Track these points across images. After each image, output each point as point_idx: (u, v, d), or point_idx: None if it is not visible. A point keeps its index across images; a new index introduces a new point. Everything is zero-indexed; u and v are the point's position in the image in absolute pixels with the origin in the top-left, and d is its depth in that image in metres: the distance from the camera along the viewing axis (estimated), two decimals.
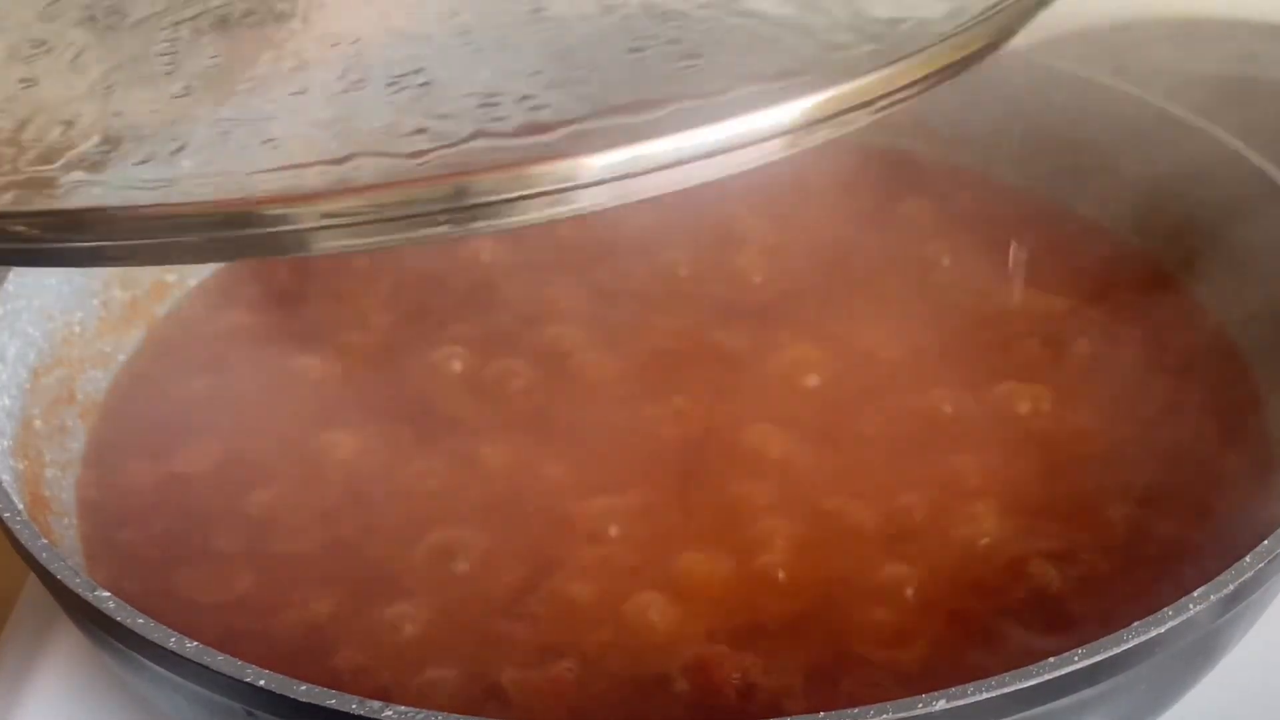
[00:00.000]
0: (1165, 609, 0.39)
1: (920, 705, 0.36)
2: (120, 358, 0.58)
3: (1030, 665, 0.37)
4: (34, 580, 0.53)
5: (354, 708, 0.36)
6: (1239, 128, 0.62)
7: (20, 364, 0.52)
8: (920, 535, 0.49)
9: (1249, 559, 0.40)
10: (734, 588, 0.47)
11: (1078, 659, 0.37)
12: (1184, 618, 0.39)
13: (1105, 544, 0.48)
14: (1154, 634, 0.38)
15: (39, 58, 0.42)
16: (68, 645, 0.52)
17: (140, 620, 0.39)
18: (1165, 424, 0.53)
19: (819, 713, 0.36)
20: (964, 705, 0.36)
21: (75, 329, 0.56)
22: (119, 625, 0.39)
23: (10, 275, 0.53)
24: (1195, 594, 0.39)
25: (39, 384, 0.53)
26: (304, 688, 0.37)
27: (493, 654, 0.45)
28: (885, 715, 0.36)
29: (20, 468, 0.49)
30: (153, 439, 0.54)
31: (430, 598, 0.47)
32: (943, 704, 0.36)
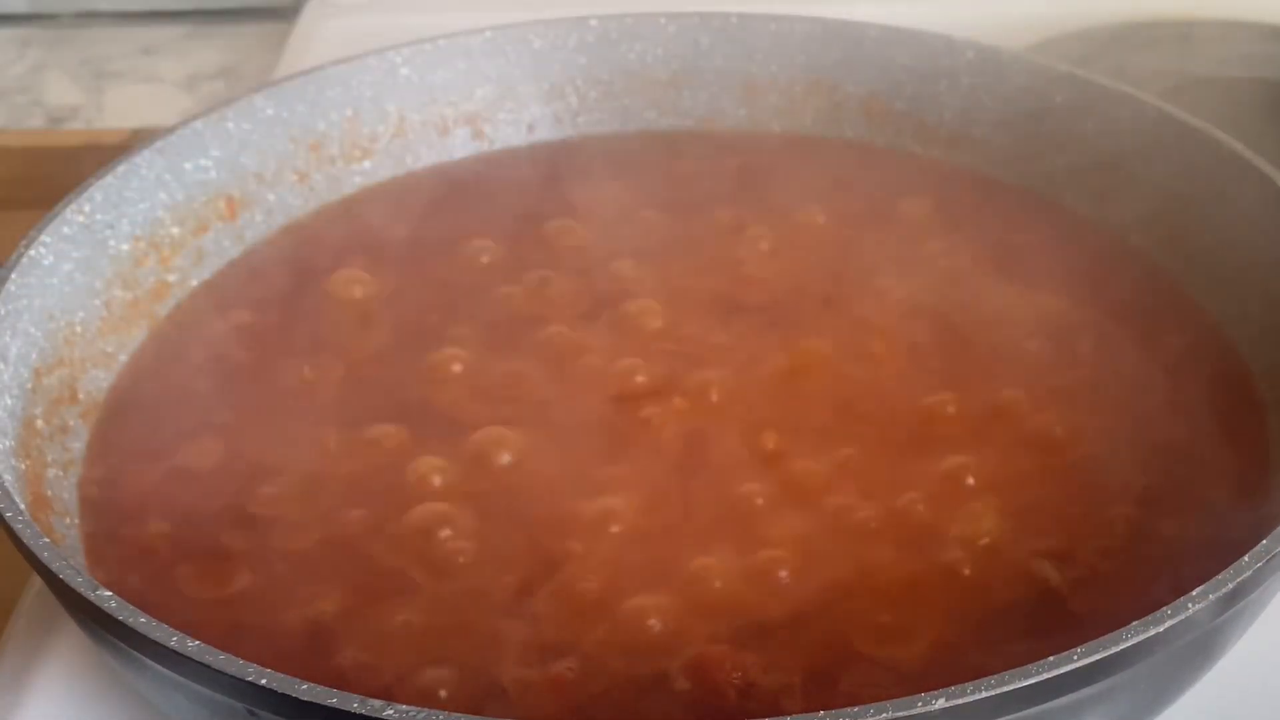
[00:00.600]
0: (1164, 608, 0.39)
1: (920, 704, 0.36)
2: (122, 357, 0.58)
3: (1029, 664, 0.37)
4: (36, 580, 0.54)
5: (355, 707, 0.36)
6: (1238, 128, 0.62)
7: (22, 364, 0.52)
8: (920, 535, 0.49)
9: (1247, 559, 0.40)
10: (734, 587, 0.47)
11: (1076, 658, 0.37)
12: (1182, 617, 0.39)
13: (1104, 543, 0.49)
14: (1152, 633, 0.38)
15: None
16: (69, 644, 0.52)
17: (142, 619, 0.39)
18: (1163, 423, 0.53)
19: (819, 711, 0.36)
20: (963, 704, 0.36)
21: (77, 329, 0.56)
22: (121, 624, 0.39)
23: (12, 275, 0.53)
24: (1194, 593, 0.39)
25: (41, 384, 0.53)
26: (305, 687, 0.37)
27: (494, 653, 0.45)
28: (885, 714, 0.36)
29: (22, 467, 0.49)
30: (154, 438, 0.54)
31: (431, 596, 0.47)
32: (942, 703, 0.36)
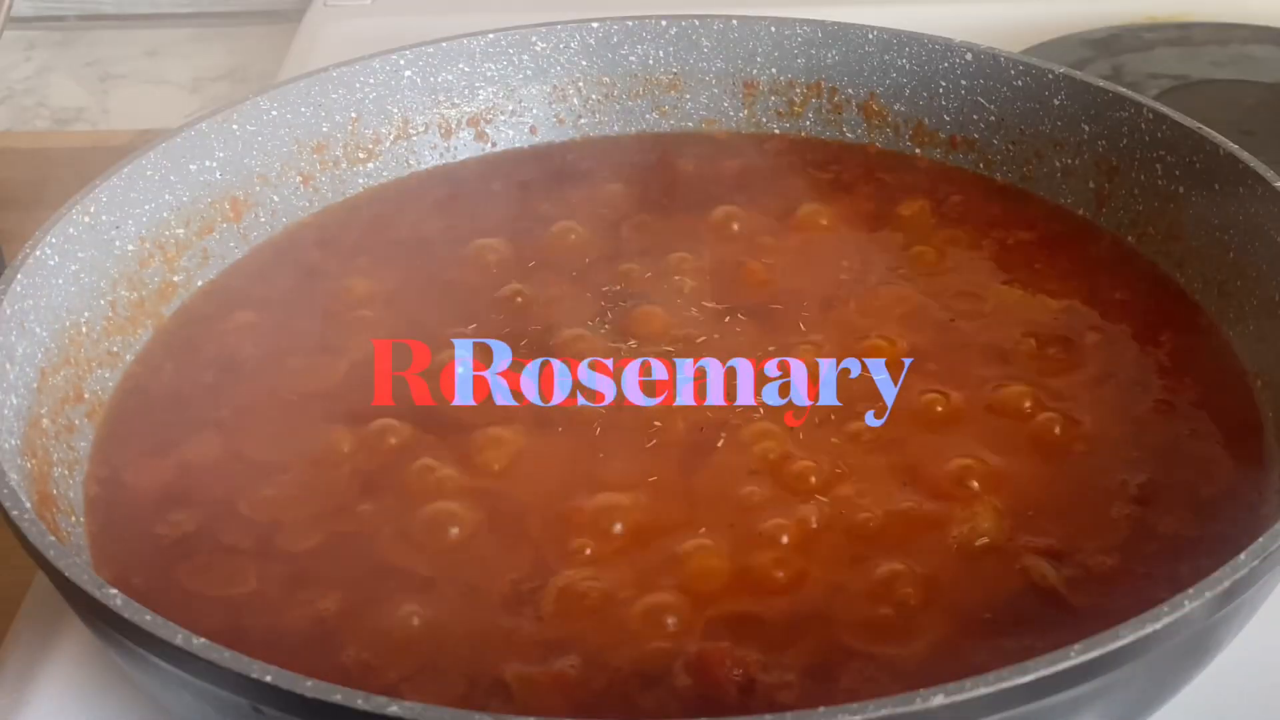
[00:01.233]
0: (1160, 606, 0.39)
1: (919, 700, 0.36)
2: (127, 357, 0.58)
3: (1027, 661, 0.37)
4: (41, 578, 0.54)
5: (360, 703, 0.37)
6: (1235, 129, 0.62)
7: (28, 363, 0.52)
8: (920, 533, 0.49)
9: (1243, 556, 0.41)
10: (735, 585, 0.48)
11: (1074, 655, 0.38)
12: (1179, 614, 0.39)
13: (1102, 542, 0.49)
14: (1149, 630, 0.38)
15: None
16: (75, 642, 0.52)
17: (148, 617, 0.40)
18: (1161, 423, 0.54)
19: (819, 708, 0.36)
20: (961, 700, 0.37)
21: (83, 329, 0.56)
22: (126, 622, 0.40)
23: (18, 275, 0.53)
24: (1190, 591, 0.39)
25: (47, 383, 0.53)
26: (311, 683, 0.37)
27: (496, 650, 0.45)
28: (884, 710, 0.36)
29: (28, 466, 0.50)
30: (159, 438, 0.55)
31: (434, 594, 0.48)
32: (940, 699, 0.36)
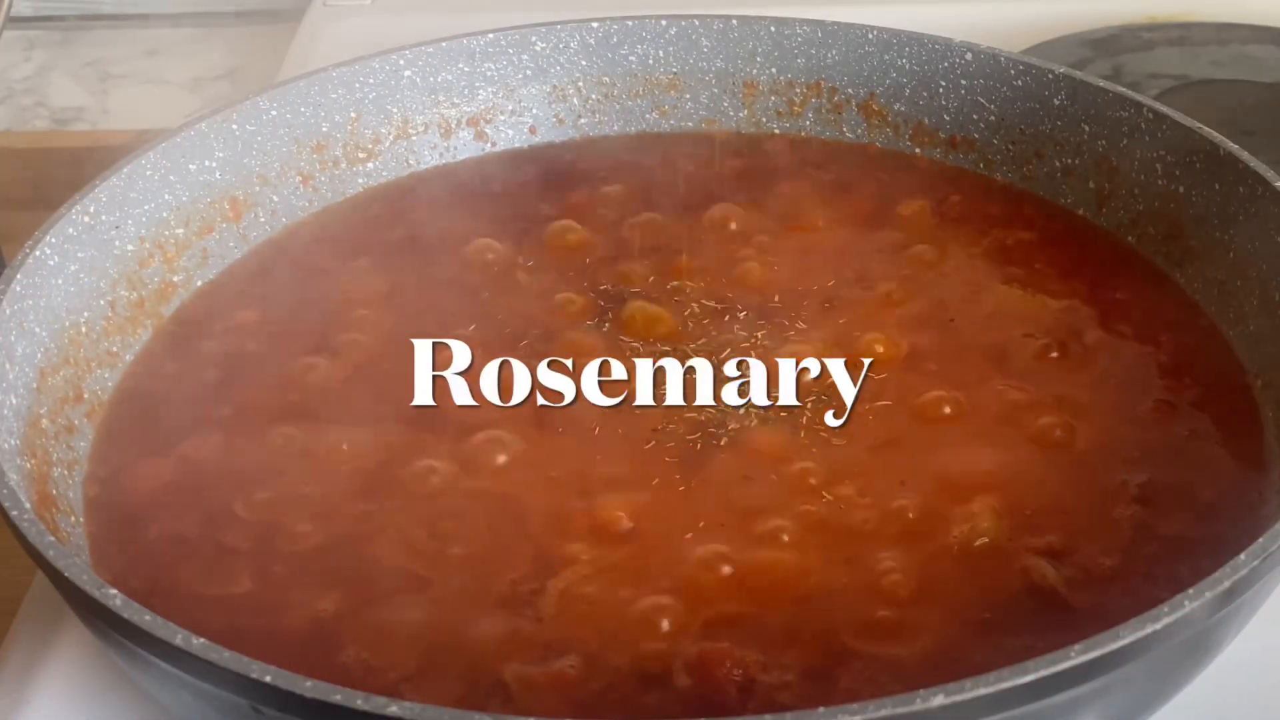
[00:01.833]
0: (1161, 606, 0.39)
1: (919, 700, 0.36)
2: (127, 357, 0.58)
3: (1027, 661, 0.37)
4: (41, 578, 0.54)
5: (359, 703, 0.37)
6: (1235, 129, 0.62)
7: (28, 364, 0.52)
8: (920, 533, 0.49)
9: (1244, 556, 0.41)
10: (735, 585, 0.47)
11: (1074, 655, 0.38)
12: (1179, 614, 0.39)
13: (1102, 542, 0.49)
14: (1149, 630, 0.38)
15: None
16: (74, 642, 0.52)
17: (147, 617, 0.40)
18: (1161, 423, 0.54)
19: (819, 708, 0.36)
20: (961, 700, 0.37)
21: (82, 329, 0.56)
22: (126, 622, 0.40)
23: (18, 275, 0.53)
24: (1190, 591, 0.39)
25: (46, 383, 0.53)
26: (310, 683, 0.37)
27: (496, 650, 0.45)
28: (884, 710, 0.36)
29: (28, 466, 0.50)
30: (159, 438, 0.55)
31: (434, 594, 0.48)
32: (940, 699, 0.36)
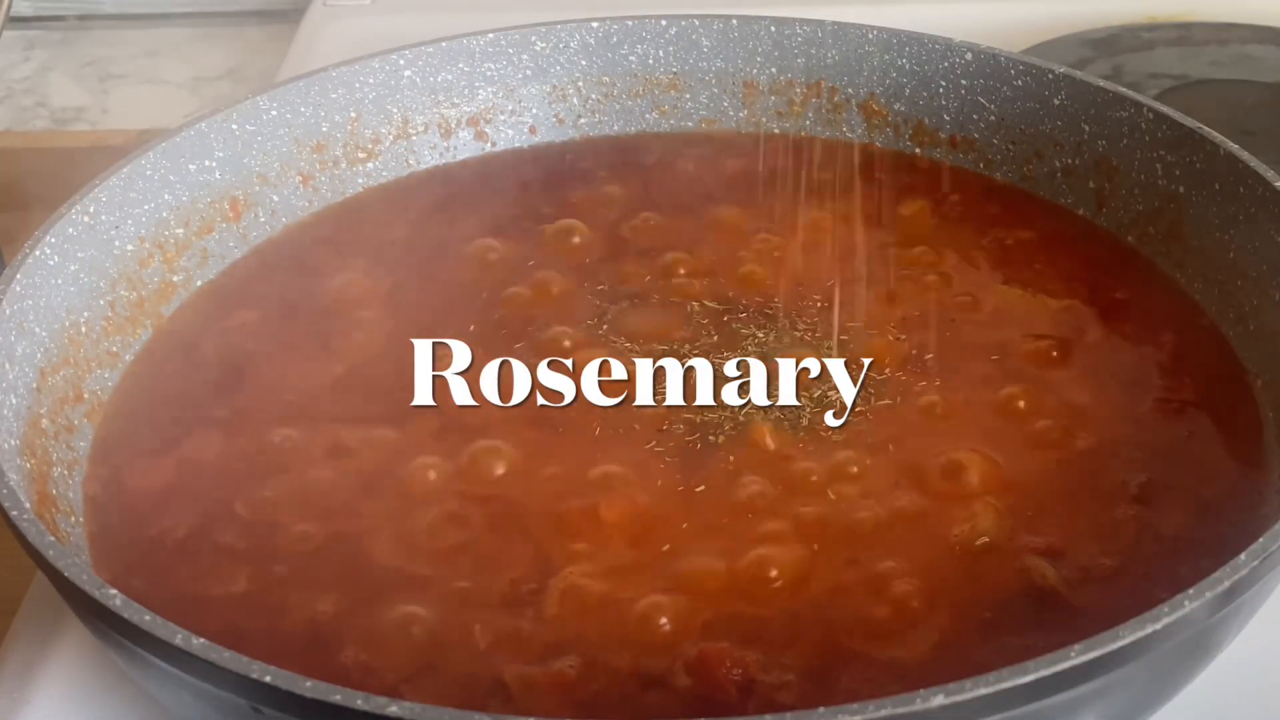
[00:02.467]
0: (1161, 606, 0.39)
1: (918, 700, 0.36)
2: (127, 357, 0.58)
3: (1027, 661, 0.37)
4: (41, 578, 0.54)
5: (359, 704, 0.37)
6: (1236, 129, 0.62)
7: (28, 363, 0.52)
8: (920, 533, 0.49)
9: (1244, 556, 0.41)
10: (735, 585, 0.47)
11: (1074, 655, 0.38)
12: (1179, 614, 0.39)
13: (1102, 542, 0.49)
14: (1150, 630, 0.38)
15: None
16: (74, 642, 0.52)
17: (147, 617, 0.40)
18: (1161, 423, 0.54)
19: (818, 708, 0.36)
20: (961, 701, 0.37)
21: (82, 329, 0.56)
22: (126, 622, 0.40)
23: (18, 275, 0.53)
24: (1190, 590, 0.39)
25: (46, 383, 0.53)
26: (310, 684, 0.37)
27: (496, 650, 0.45)
28: (884, 710, 0.36)
29: (28, 466, 0.50)
30: (158, 438, 0.55)
31: (434, 594, 0.48)
32: (940, 699, 0.36)
